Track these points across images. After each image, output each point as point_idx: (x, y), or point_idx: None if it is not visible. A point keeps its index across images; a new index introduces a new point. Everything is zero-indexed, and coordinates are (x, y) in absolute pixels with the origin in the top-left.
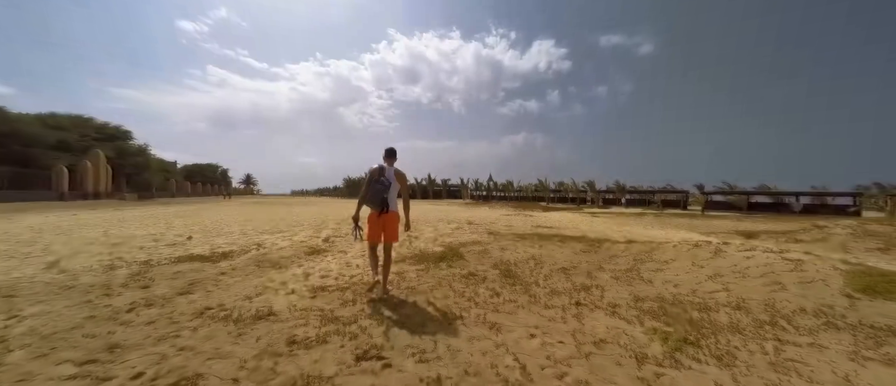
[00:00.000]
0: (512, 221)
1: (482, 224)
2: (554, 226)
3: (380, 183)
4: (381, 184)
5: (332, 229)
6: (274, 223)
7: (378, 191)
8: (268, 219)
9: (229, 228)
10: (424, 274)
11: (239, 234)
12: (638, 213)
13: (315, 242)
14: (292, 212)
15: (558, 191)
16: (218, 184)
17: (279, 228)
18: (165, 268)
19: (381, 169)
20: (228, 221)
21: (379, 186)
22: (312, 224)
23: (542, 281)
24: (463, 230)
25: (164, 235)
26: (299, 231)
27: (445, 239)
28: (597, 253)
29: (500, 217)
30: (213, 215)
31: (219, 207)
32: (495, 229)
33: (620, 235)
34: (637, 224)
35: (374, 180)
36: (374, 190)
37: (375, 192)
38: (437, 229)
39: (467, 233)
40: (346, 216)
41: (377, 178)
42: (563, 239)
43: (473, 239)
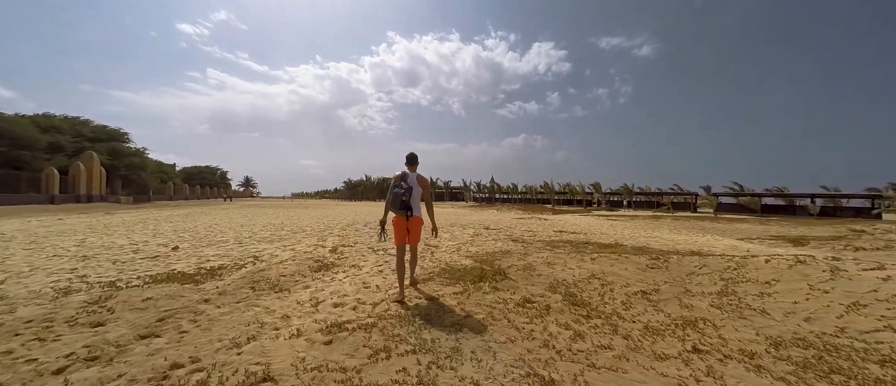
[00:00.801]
0: (530, 226)
1: (500, 229)
2: (579, 231)
3: (400, 188)
4: (401, 188)
5: (339, 236)
6: (273, 230)
7: (397, 195)
8: (266, 224)
9: (223, 236)
10: (466, 299)
11: (233, 243)
12: (650, 215)
13: (321, 253)
14: (293, 216)
15: (563, 193)
16: (217, 186)
17: (279, 236)
18: (134, 292)
19: (403, 175)
20: (223, 227)
21: (398, 191)
22: (316, 230)
23: (623, 311)
24: (483, 237)
25: (147, 244)
26: (302, 239)
27: (469, 248)
28: (667, 269)
29: (514, 221)
30: (208, 220)
31: (215, 210)
32: (518, 235)
33: (661, 242)
34: (662, 228)
35: (395, 186)
36: (394, 195)
37: (395, 196)
38: (454, 236)
39: (490, 240)
40: (351, 220)
41: (398, 183)
42: (616, 250)
43: (501, 248)
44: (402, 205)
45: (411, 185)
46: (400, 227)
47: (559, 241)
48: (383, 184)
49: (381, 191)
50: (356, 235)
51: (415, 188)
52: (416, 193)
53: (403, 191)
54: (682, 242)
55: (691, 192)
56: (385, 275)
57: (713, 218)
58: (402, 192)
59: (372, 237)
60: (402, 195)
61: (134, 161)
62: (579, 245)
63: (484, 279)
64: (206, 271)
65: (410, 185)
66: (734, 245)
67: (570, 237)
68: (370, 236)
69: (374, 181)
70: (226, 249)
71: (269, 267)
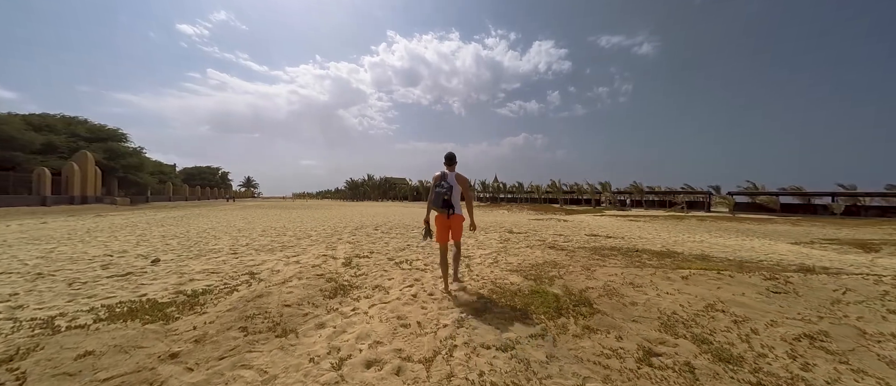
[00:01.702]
0: (555, 228)
1: (525, 232)
2: (611, 234)
3: (441, 187)
4: (442, 187)
5: (350, 243)
6: (274, 235)
7: (439, 194)
8: (267, 229)
9: (216, 243)
10: (554, 348)
11: (227, 252)
12: (669, 215)
13: (333, 268)
14: (295, 218)
15: (571, 192)
16: (217, 187)
17: (281, 243)
18: (73, 339)
19: (443, 175)
20: (218, 232)
21: (440, 190)
22: (322, 235)
23: (805, 373)
24: (514, 243)
25: (124, 255)
26: (307, 247)
27: (507, 258)
28: (798, 295)
29: (532, 222)
30: (203, 223)
31: (213, 212)
32: (551, 240)
33: (720, 248)
34: (697, 230)
35: (436, 185)
36: (436, 194)
37: (437, 195)
38: (482, 242)
39: (524, 247)
40: (359, 223)
41: (439, 182)
42: (709, 265)
43: (545, 258)
44: (443, 203)
45: (452, 184)
46: (442, 225)
47: (603, 247)
48: (385, 183)
49: (383, 191)
50: (369, 241)
51: (455, 187)
52: (457, 191)
53: (445, 190)
54: (741, 248)
55: (704, 190)
56: (422, 302)
57: (734, 218)
58: (444, 191)
59: (388, 243)
60: (444, 194)
61: (131, 161)
62: (631, 254)
63: (561, 311)
64: (186, 298)
65: (451, 184)
66: (800, 251)
67: (609, 242)
68: (386, 242)
69: (376, 181)
70: (217, 263)
71: (269, 290)
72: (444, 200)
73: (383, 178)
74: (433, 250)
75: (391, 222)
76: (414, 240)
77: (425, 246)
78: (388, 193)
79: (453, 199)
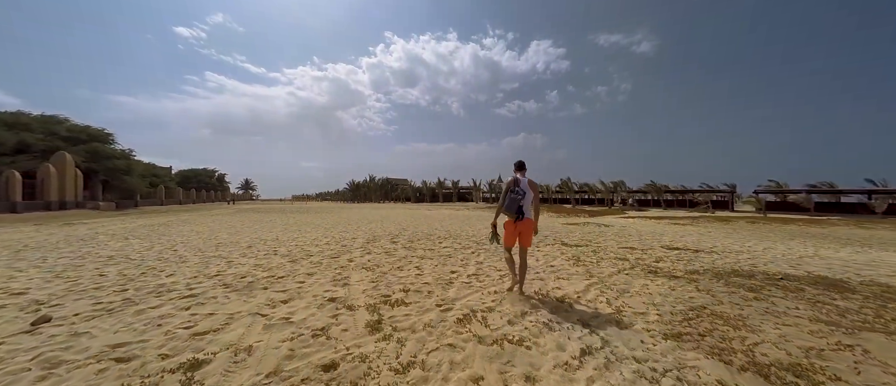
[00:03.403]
0: (614, 236)
1: (583, 244)
2: (690, 246)
3: (515, 192)
4: (517, 193)
5: (367, 268)
6: (263, 252)
7: (513, 200)
8: (253, 242)
9: (174, 273)
10: None
11: (179, 295)
12: (700, 216)
13: (352, 335)
14: (292, 225)
15: (583, 192)
16: (214, 190)
17: (269, 268)
18: None
19: (516, 180)
20: (189, 249)
21: (514, 196)
22: (326, 251)
23: None
24: (595, 265)
25: (2, 307)
26: (306, 278)
27: (628, 302)
28: None
29: (569, 228)
30: (178, 236)
31: (202, 218)
32: (632, 258)
33: (837, 263)
34: (757, 235)
35: (510, 190)
36: (510, 199)
37: (512, 200)
38: (554, 266)
39: (619, 273)
40: (371, 232)
41: (512, 188)
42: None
43: (690, 301)
44: (517, 209)
45: (525, 190)
46: (511, 230)
47: (723, 272)
48: (387, 185)
49: (385, 192)
50: (392, 263)
51: (528, 193)
52: (529, 197)
53: (520, 196)
54: (861, 263)
55: (725, 189)
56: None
57: (768, 219)
58: (519, 196)
59: (421, 269)
60: (519, 200)
61: (117, 163)
62: (777, 283)
63: None
64: None
65: (524, 190)
66: None
67: (697, 256)
68: (417, 267)
69: (377, 182)
70: (140, 328)
71: None
72: (519, 205)
73: (385, 180)
74: None
75: (410, 231)
76: (452, 260)
77: (493, 249)
78: (389, 194)
79: (525, 204)
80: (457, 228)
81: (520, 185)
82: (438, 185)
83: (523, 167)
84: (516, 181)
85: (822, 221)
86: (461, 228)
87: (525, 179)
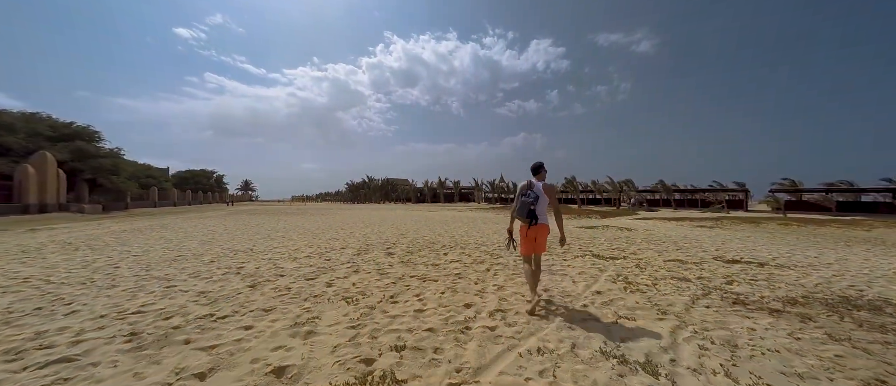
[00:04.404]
0: (648, 245)
1: (614, 255)
2: (739, 257)
3: (527, 196)
4: (528, 197)
5: (347, 299)
6: (228, 265)
7: (524, 204)
8: (226, 251)
9: (100, 300)
10: None
11: (64, 349)
12: (718, 217)
13: None
14: (280, 229)
15: (589, 191)
16: (212, 191)
17: (224, 295)
18: None
19: (530, 184)
20: (150, 259)
21: (526, 200)
22: (305, 266)
23: None
24: (649, 289)
25: None
26: (261, 317)
27: (735, 371)
28: None
29: (588, 233)
30: (147, 241)
31: (185, 222)
32: (691, 274)
33: None
34: (792, 239)
35: (522, 194)
36: (522, 203)
37: (523, 204)
38: (594, 289)
39: (681, 297)
40: (364, 239)
41: (525, 192)
42: None
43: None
44: (528, 213)
45: (538, 194)
46: (525, 235)
47: (810, 298)
48: (387, 185)
49: (385, 193)
50: (382, 288)
51: (542, 197)
52: (543, 201)
53: (531, 200)
54: None
55: (737, 188)
56: None
57: (788, 219)
58: (531, 200)
59: (423, 298)
60: (530, 204)
61: (103, 163)
62: None
63: None
64: None
65: (537, 194)
66: None
67: (770, 273)
68: (418, 295)
69: (377, 182)
70: None
71: None
72: (529, 209)
73: (385, 180)
74: None
75: (410, 237)
76: (463, 282)
77: (512, 263)
78: (389, 194)
79: (538, 209)
80: (462, 233)
81: (533, 188)
82: (439, 186)
83: (539, 170)
84: (530, 185)
85: (854, 221)
86: (467, 233)
87: (540, 184)
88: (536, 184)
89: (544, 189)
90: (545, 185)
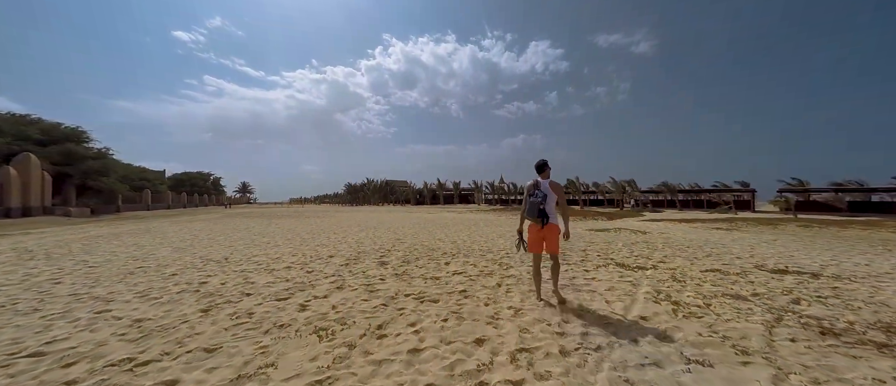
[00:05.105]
0: (669, 253)
1: (638, 264)
2: (776, 263)
3: (535, 196)
4: (536, 196)
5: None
6: (185, 287)
7: (533, 204)
8: (200, 259)
9: None
10: None
11: None
12: (728, 218)
13: None
14: (270, 233)
15: (592, 192)
16: (209, 194)
17: (145, 338)
18: None
19: (536, 183)
20: (102, 273)
21: (534, 200)
22: (282, 278)
23: None
24: (703, 312)
25: None
26: None
27: None
28: None
29: (600, 236)
30: (114, 249)
31: (172, 225)
32: (725, 285)
33: None
34: (821, 243)
35: (530, 194)
36: (531, 204)
37: (532, 205)
38: (645, 316)
39: (752, 325)
40: (358, 245)
41: (532, 192)
42: None
43: None
44: (538, 213)
45: (546, 193)
46: (535, 235)
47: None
48: (386, 187)
49: (383, 195)
50: (374, 331)
51: (549, 195)
52: (551, 199)
53: (539, 199)
54: None
55: (742, 189)
56: None
57: (800, 220)
58: (539, 200)
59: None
60: (538, 204)
61: (91, 165)
62: None
63: None
64: None
65: (545, 193)
66: None
67: (833, 287)
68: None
69: (376, 184)
70: None
71: None
72: (539, 209)
73: (383, 182)
74: None
75: (407, 242)
76: (470, 304)
77: (527, 278)
78: (388, 196)
79: (548, 208)
80: (465, 238)
81: (540, 187)
82: (439, 187)
83: (544, 168)
84: (536, 184)
85: (871, 222)
86: (470, 238)
87: (546, 182)
88: (542, 182)
89: (551, 186)
90: (551, 183)
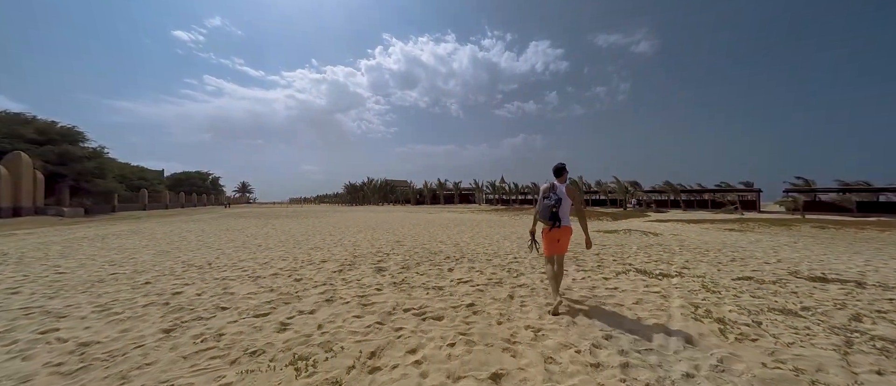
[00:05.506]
0: (695, 259)
1: (662, 270)
2: (813, 270)
3: (549, 199)
4: (550, 199)
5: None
6: (155, 300)
7: (547, 207)
8: (180, 264)
9: None
10: None
11: None
12: (736, 219)
13: None
14: (260, 234)
15: (594, 192)
16: (208, 193)
17: (84, 370)
18: None
19: (552, 186)
20: (67, 282)
21: (548, 203)
22: (254, 295)
23: None
24: (754, 331)
25: None
26: None
27: None
28: None
29: (611, 239)
30: (91, 253)
31: (163, 226)
32: (763, 296)
33: None
34: (844, 245)
35: (545, 196)
36: (544, 206)
37: (545, 207)
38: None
39: (823, 353)
40: (354, 246)
41: (547, 194)
42: None
43: None
44: (551, 216)
45: (560, 197)
46: (548, 238)
47: None
48: (386, 187)
49: (383, 194)
50: (365, 361)
51: (564, 199)
52: (566, 203)
53: (553, 202)
54: None
55: (747, 189)
56: None
57: (809, 220)
58: (553, 203)
59: None
60: (552, 206)
61: (86, 165)
62: None
63: None
64: None
65: (560, 197)
66: None
67: (878, 299)
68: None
69: (376, 184)
70: None
71: None
72: (552, 212)
73: (383, 181)
74: None
75: (407, 244)
76: (481, 321)
77: (542, 289)
78: (388, 196)
79: (561, 211)
80: (467, 240)
81: (555, 191)
82: (439, 187)
83: (562, 172)
84: (553, 187)
85: (883, 222)
86: (473, 240)
87: (563, 186)
88: (559, 186)
89: (567, 191)
90: (568, 188)
